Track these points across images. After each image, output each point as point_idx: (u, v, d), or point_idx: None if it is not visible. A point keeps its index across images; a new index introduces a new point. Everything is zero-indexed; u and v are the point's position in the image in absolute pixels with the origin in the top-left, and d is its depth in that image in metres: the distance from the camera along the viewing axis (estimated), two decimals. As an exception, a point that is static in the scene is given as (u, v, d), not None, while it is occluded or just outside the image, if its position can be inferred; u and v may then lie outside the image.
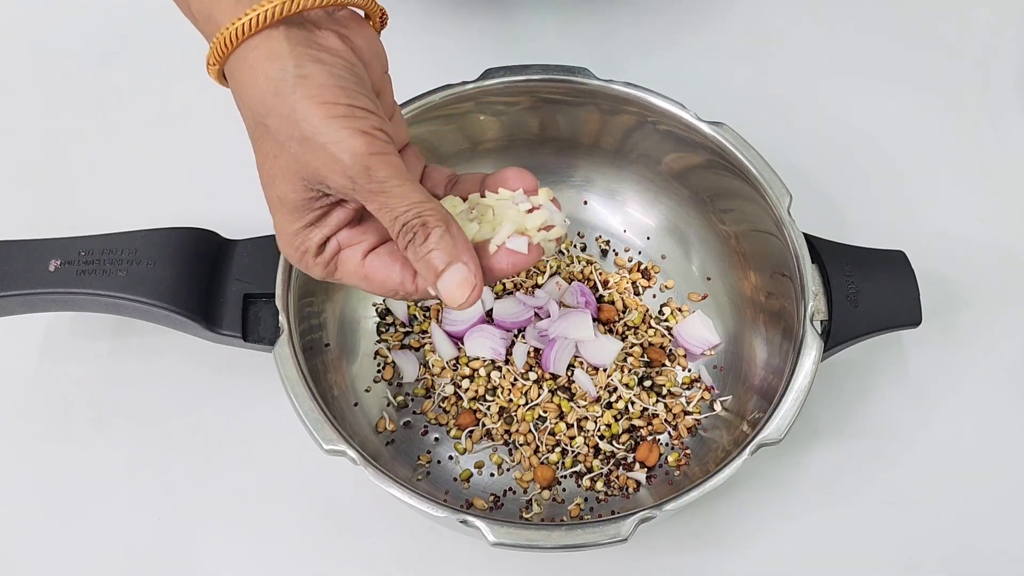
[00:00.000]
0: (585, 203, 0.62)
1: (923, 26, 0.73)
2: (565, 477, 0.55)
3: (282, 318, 0.49)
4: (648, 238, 0.62)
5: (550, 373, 0.56)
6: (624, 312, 0.59)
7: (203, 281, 0.51)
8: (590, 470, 0.55)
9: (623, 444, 0.55)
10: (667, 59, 0.70)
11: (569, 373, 0.57)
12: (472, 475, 0.55)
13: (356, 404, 0.55)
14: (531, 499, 0.54)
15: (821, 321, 0.52)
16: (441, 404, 0.56)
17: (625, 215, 0.62)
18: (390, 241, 0.42)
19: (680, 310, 0.59)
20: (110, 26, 0.70)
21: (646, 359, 0.58)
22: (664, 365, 0.58)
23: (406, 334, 0.58)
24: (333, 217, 0.41)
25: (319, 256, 0.41)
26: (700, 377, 0.58)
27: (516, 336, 0.58)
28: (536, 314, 0.58)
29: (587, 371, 0.56)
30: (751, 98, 0.69)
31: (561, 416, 0.55)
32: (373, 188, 0.38)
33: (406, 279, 0.41)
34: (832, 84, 0.70)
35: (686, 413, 0.56)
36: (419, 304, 0.59)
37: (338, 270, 0.42)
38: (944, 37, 0.72)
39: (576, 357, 0.57)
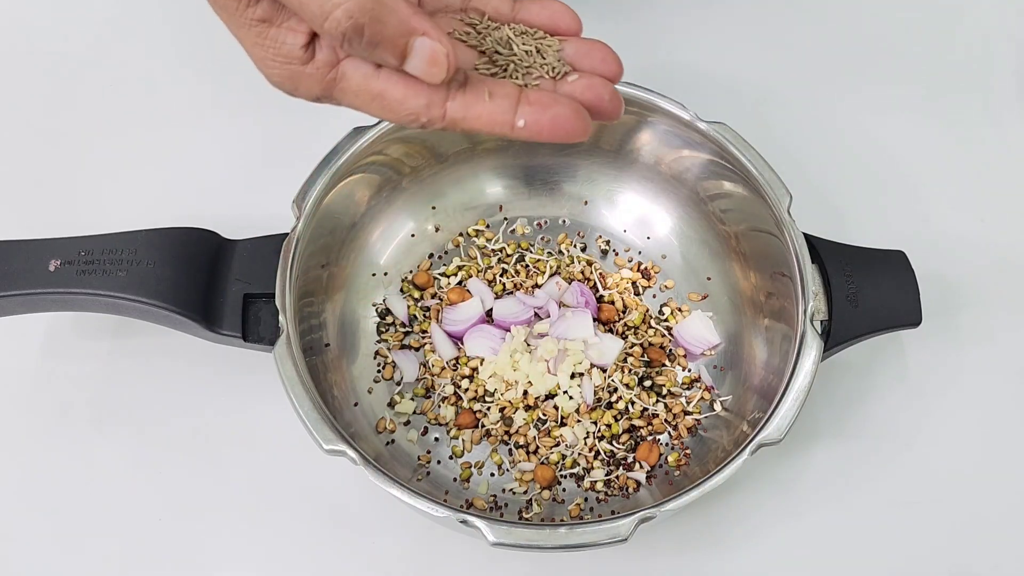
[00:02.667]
0: (585, 203, 0.62)
1: (923, 26, 0.73)
2: (565, 477, 0.55)
3: (282, 318, 0.49)
4: (648, 238, 0.62)
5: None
6: (624, 312, 0.59)
7: (203, 281, 0.51)
8: (590, 470, 0.55)
9: (623, 444, 0.55)
10: (667, 59, 0.70)
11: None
12: (472, 475, 0.55)
13: (356, 404, 0.55)
14: (531, 499, 0.54)
15: (821, 321, 0.52)
16: (441, 404, 0.56)
17: (625, 215, 0.62)
18: None
19: (680, 310, 0.59)
20: (110, 25, 0.70)
21: (646, 359, 0.58)
22: (664, 365, 0.58)
23: (406, 334, 0.58)
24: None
25: (310, 64, 0.36)
26: (700, 377, 0.58)
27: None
28: (536, 314, 0.58)
29: (587, 371, 0.56)
30: (751, 98, 0.69)
31: (560, 419, 0.55)
32: None
33: (433, 100, 0.36)
34: (832, 84, 0.70)
35: (686, 413, 0.56)
36: (419, 304, 0.59)
37: (339, 83, 0.36)
38: (944, 36, 0.72)
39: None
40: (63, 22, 0.71)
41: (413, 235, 0.61)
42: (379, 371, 0.57)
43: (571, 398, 0.56)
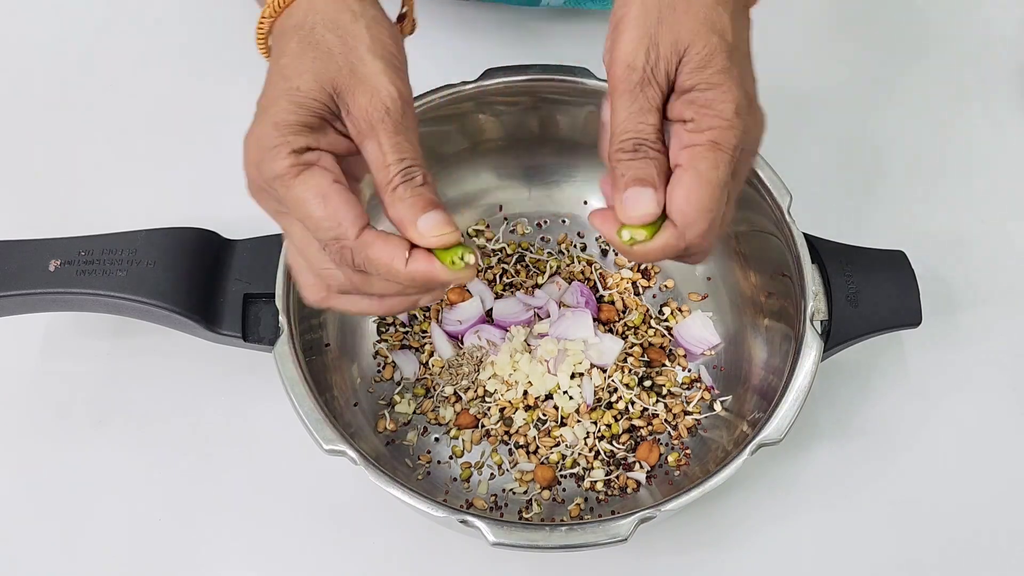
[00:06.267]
0: (585, 203, 0.62)
1: (922, 26, 0.73)
2: (565, 477, 0.55)
3: (282, 318, 0.49)
4: (648, 238, 0.61)
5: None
6: (624, 312, 0.59)
7: (203, 281, 0.51)
8: (590, 470, 0.55)
9: (623, 444, 0.55)
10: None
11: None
12: (472, 475, 0.55)
13: (356, 404, 0.55)
14: (531, 499, 0.54)
15: (821, 321, 0.52)
16: (440, 404, 0.56)
17: (625, 215, 0.62)
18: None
19: (680, 310, 0.59)
20: (110, 26, 0.70)
21: (646, 359, 0.58)
22: (664, 365, 0.58)
23: (406, 334, 0.58)
24: (329, 136, 0.41)
25: (294, 155, 0.39)
26: (700, 377, 0.57)
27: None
28: (536, 314, 0.58)
29: (587, 371, 0.56)
30: (751, 98, 0.68)
31: (560, 419, 0.55)
32: (396, 128, 0.40)
33: (357, 217, 0.40)
34: (831, 84, 0.70)
35: (686, 413, 0.56)
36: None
37: (301, 175, 0.39)
38: (944, 36, 0.72)
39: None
40: (63, 22, 0.70)
41: (413, 235, 0.61)
42: (379, 371, 0.57)
43: (571, 398, 0.56)
